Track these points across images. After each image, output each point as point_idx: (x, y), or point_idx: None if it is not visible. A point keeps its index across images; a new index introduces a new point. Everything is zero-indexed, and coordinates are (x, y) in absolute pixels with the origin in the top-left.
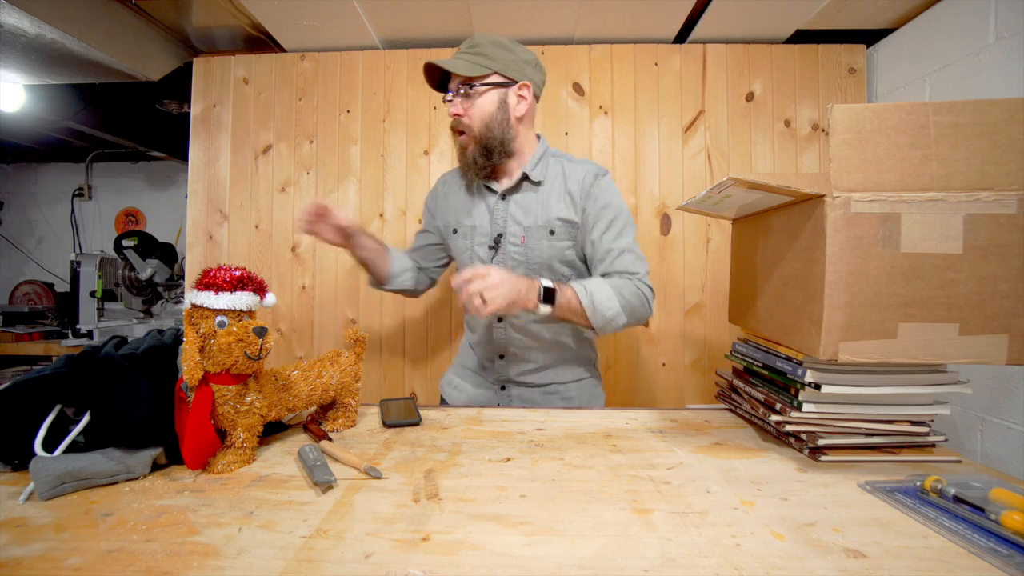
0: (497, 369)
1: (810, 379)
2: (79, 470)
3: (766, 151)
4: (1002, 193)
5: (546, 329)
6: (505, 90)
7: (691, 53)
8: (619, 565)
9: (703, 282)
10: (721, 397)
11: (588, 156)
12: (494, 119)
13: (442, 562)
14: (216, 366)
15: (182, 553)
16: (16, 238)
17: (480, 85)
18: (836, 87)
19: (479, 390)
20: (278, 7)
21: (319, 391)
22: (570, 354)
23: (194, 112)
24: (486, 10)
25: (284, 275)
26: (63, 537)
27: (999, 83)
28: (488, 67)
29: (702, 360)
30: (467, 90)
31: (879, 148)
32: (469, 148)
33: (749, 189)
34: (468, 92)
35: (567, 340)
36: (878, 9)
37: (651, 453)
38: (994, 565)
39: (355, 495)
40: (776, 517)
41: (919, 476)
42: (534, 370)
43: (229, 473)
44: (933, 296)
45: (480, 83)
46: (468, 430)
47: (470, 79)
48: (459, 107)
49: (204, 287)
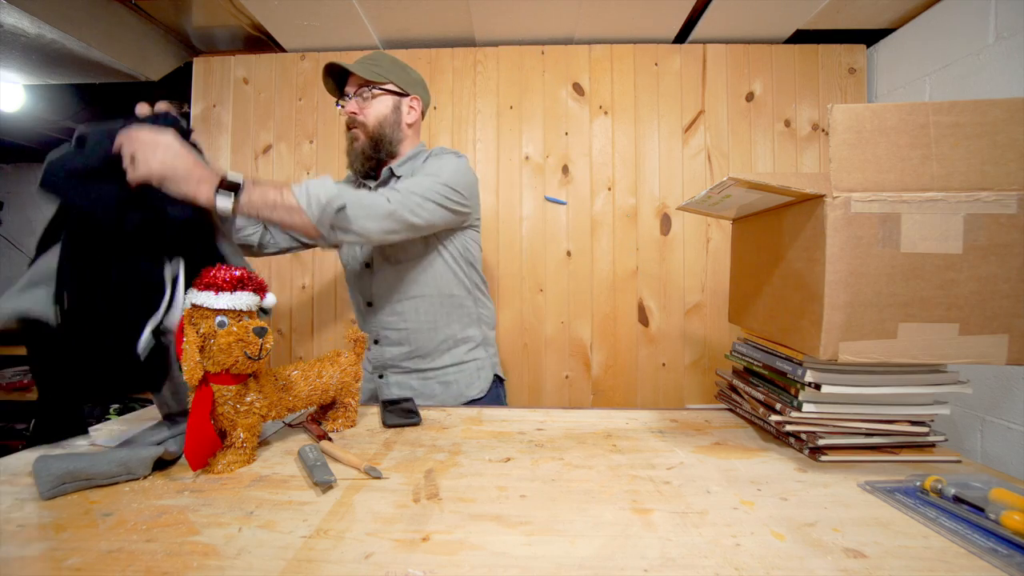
0: (373, 357)
1: (810, 379)
2: (80, 470)
3: (766, 151)
4: (1002, 193)
5: (416, 311)
6: (399, 98)
7: (691, 53)
8: (619, 565)
9: (703, 282)
10: (721, 397)
11: (588, 156)
12: (387, 120)
13: (442, 562)
14: (216, 366)
15: (182, 553)
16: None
17: (376, 89)
18: (836, 87)
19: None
20: (278, 7)
21: (319, 391)
22: (446, 337)
23: (194, 112)
24: (486, 10)
25: (284, 275)
26: (63, 537)
27: (999, 83)
28: (386, 77)
29: (702, 360)
30: (365, 92)
31: (879, 148)
32: (360, 140)
33: (749, 189)
34: (365, 95)
35: (441, 322)
36: (878, 9)
37: (651, 453)
38: (994, 565)
39: (355, 495)
40: (776, 517)
41: (919, 476)
42: (408, 355)
43: (229, 473)
44: (933, 296)
45: (377, 88)
46: (468, 430)
47: (369, 82)
48: (355, 107)
49: (204, 287)
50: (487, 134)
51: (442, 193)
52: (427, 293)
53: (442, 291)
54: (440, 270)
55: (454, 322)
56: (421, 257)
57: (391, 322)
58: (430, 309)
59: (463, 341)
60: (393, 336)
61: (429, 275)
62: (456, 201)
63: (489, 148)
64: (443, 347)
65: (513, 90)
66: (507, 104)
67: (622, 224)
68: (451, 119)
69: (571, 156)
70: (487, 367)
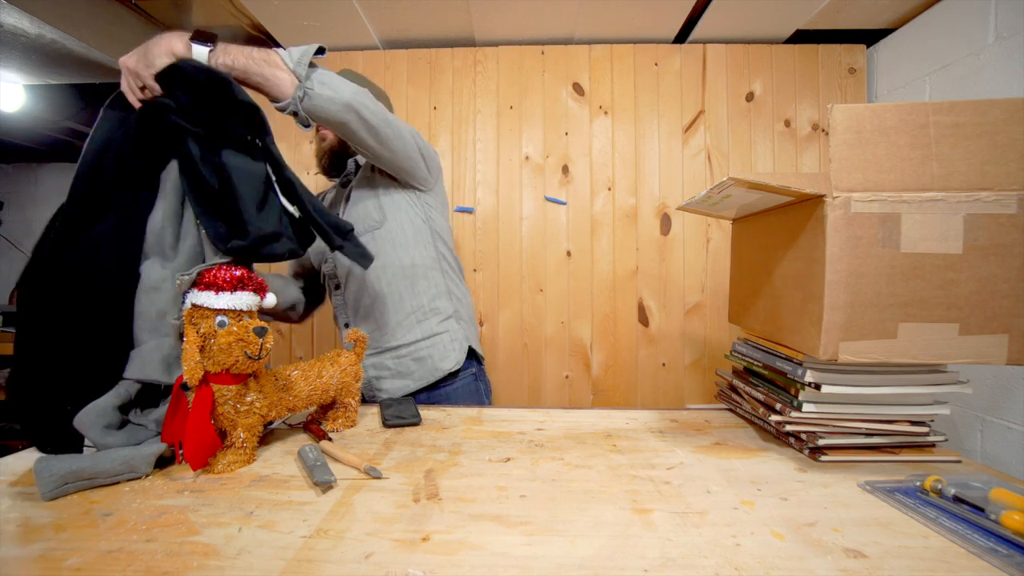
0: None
1: (810, 379)
2: (82, 470)
3: (766, 151)
4: (1002, 193)
5: (379, 280)
6: None
7: (691, 53)
8: (619, 565)
9: (703, 282)
10: (721, 397)
11: (588, 156)
12: None
13: (442, 562)
14: (216, 366)
15: (182, 553)
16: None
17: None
18: (836, 87)
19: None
20: (278, 7)
21: (319, 391)
22: (412, 308)
23: None
24: (486, 10)
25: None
26: (63, 537)
27: (999, 83)
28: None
29: (702, 360)
30: None
31: (879, 148)
32: (328, 139)
33: (749, 189)
34: None
35: (407, 293)
36: (878, 9)
37: (651, 453)
38: (994, 565)
39: (355, 495)
40: (776, 517)
41: (919, 476)
42: (377, 331)
43: (229, 473)
44: (933, 296)
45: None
46: (468, 430)
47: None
48: None
49: (204, 287)
50: (487, 134)
51: (411, 130)
52: (388, 263)
53: (402, 260)
54: (397, 238)
55: (421, 293)
56: (377, 227)
57: (358, 298)
58: (393, 279)
59: (432, 313)
60: (360, 314)
61: (387, 244)
62: (420, 146)
63: (489, 148)
64: (411, 319)
65: (513, 90)
66: (507, 104)
67: (622, 224)
68: (451, 119)
69: (571, 156)
70: (460, 338)
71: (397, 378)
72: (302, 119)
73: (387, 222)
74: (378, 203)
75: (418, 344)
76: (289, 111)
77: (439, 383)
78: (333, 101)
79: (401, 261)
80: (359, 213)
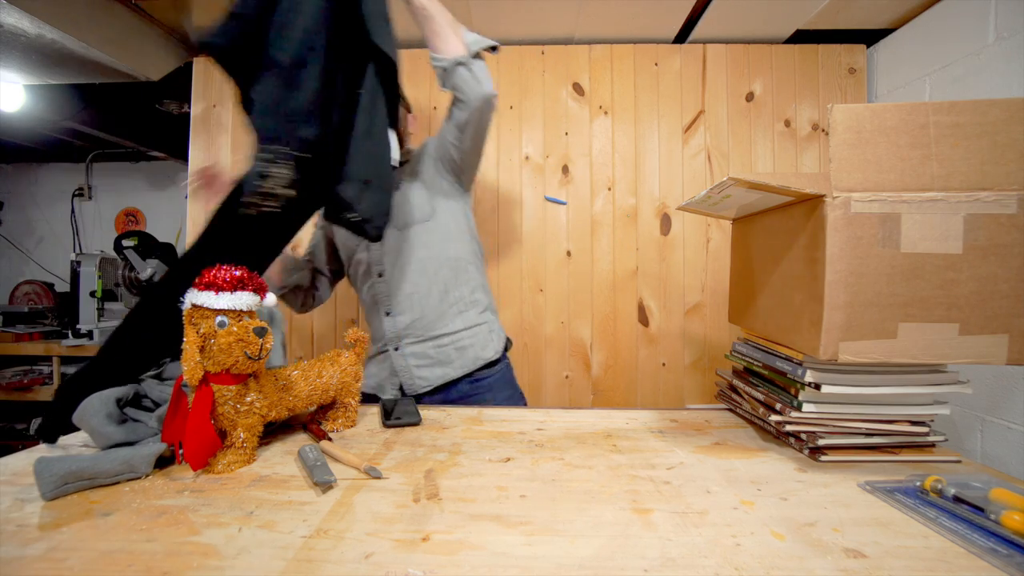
0: (388, 329)
1: (810, 379)
2: (82, 470)
3: (766, 151)
4: (1002, 193)
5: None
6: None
7: (691, 53)
8: (619, 565)
9: (703, 282)
10: (721, 397)
11: (588, 156)
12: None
13: (442, 562)
14: (216, 366)
15: (182, 553)
16: (16, 238)
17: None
18: (836, 87)
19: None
20: None
21: (319, 391)
22: (456, 299)
23: (194, 112)
24: (486, 10)
25: None
26: (63, 537)
27: (999, 83)
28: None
29: (702, 360)
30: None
31: (879, 148)
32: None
33: (749, 189)
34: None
35: (450, 284)
36: (878, 9)
37: (651, 453)
38: (994, 565)
39: (355, 495)
40: (776, 517)
41: (919, 476)
42: (420, 321)
43: (229, 473)
44: (933, 296)
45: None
46: (468, 430)
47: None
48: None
49: (204, 287)
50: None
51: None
52: (434, 255)
53: (448, 253)
54: (444, 232)
55: (462, 284)
56: (427, 219)
57: (402, 288)
58: (438, 271)
59: (472, 304)
60: (405, 303)
61: (435, 236)
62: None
63: (489, 148)
64: (454, 310)
65: (513, 90)
66: (507, 104)
67: (622, 224)
68: None
69: (571, 156)
70: (497, 329)
71: (438, 366)
72: (449, 78)
73: (436, 215)
74: (428, 197)
75: (460, 334)
76: (441, 67)
77: (479, 371)
78: (480, 85)
79: (447, 253)
80: (410, 205)
